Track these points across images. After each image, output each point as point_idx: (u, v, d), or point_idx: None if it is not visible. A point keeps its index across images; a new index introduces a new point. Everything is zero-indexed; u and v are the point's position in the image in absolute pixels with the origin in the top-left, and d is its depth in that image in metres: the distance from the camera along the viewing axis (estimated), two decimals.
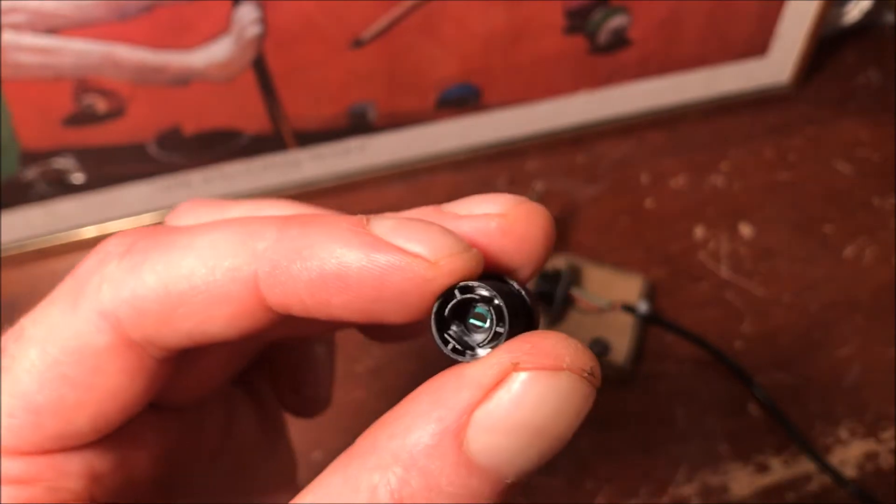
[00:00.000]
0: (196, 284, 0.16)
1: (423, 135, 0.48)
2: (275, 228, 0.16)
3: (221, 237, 0.16)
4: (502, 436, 0.14)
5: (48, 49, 0.38)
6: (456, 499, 0.14)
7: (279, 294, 0.16)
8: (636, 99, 0.51)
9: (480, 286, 0.16)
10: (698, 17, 0.47)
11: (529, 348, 0.15)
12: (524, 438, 0.14)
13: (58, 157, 0.43)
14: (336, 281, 0.15)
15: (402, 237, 0.15)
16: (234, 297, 0.16)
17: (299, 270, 0.16)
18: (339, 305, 0.16)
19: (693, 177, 0.50)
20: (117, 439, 0.19)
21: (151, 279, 0.16)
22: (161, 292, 0.16)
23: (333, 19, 0.41)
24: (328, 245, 0.15)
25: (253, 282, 0.16)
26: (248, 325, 0.17)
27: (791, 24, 0.49)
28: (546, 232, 0.17)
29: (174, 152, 0.44)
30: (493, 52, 0.45)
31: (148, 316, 0.16)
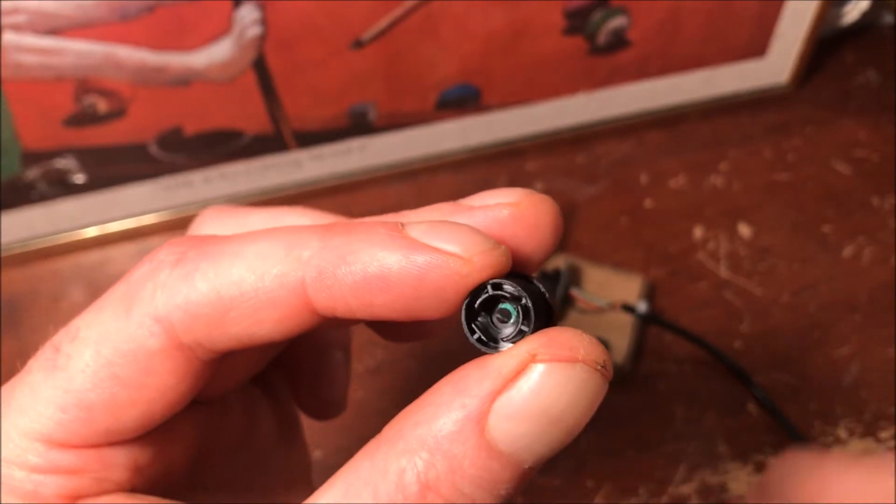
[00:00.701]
0: (246, 290, 0.17)
1: (423, 135, 0.48)
2: (318, 237, 0.18)
3: (269, 246, 0.18)
4: (522, 423, 0.16)
5: (49, 49, 0.38)
6: (478, 481, 0.16)
7: (325, 298, 0.17)
8: (636, 99, 0.51)
9: (509, 283, 0.17)
10: (697, 18, 0.47)
11: (547, 341, 0.16)
12: (542, 426, 0.16)
13: (59, 157, 0.43)
14: (379, 282, 0.17)
15: (437, 238, 0.17)
16: (282, 302, 0.17)
17: (344, 274, 0.17)
18: (381, 305, 0.17)
19: (692, 177, 0.50)
20: (158, 433, 0.20)
21: (204, 286, 0.17)
22: (213, 298, 0.17)
23: (334, 20, 0.41)
24: (370, 250, 0.17)
25: (300, 287, 0.17)
26: (294, 328, 0.18)
27: (790, 24, 0.49)
28: (555, 218, 0.19)
29: (175, 153, 0.45)
30: (493, 52, 0.45)
31: (200, 320, 0.18)
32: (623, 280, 0.44)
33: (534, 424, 0.16)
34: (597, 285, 0.44)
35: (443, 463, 0.15)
